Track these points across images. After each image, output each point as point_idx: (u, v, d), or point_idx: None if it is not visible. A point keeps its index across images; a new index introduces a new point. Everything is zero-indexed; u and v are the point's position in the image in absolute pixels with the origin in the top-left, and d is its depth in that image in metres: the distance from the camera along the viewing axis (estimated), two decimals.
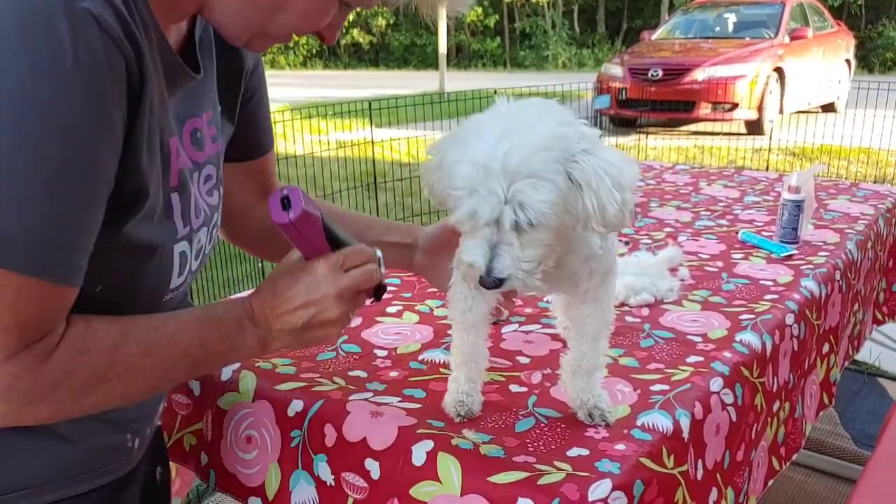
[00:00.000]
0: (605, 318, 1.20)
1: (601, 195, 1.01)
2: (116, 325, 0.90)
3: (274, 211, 0.94)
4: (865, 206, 2.46)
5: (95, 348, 0.87)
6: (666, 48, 11.31)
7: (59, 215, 0.77)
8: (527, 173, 0.98)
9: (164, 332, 0.93)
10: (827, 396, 1.88)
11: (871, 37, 23.94)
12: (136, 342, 0.90)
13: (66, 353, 0.84)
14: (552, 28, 27.82)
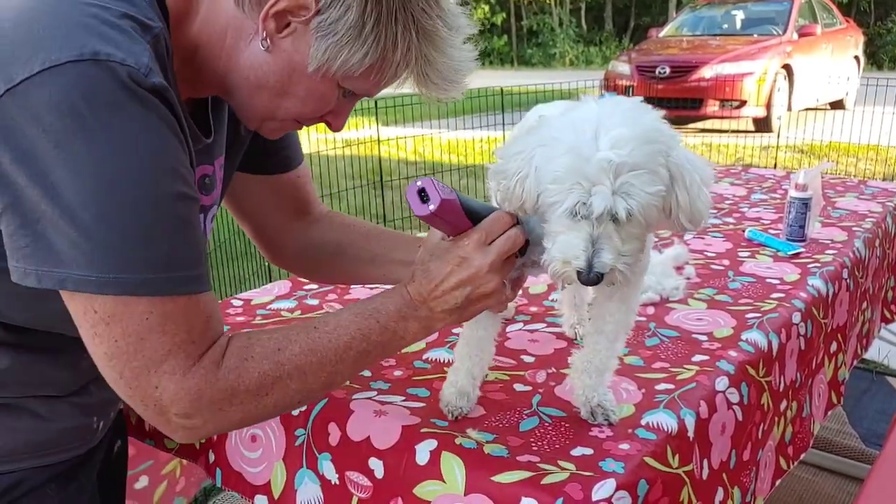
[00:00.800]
0: (627, 320, 1.20)
1: (692, 191, 1.02)
2: (279, 331, 1.00)
3: (414, 205, 1.01)
4: (873, 203, 2.44)
5: (260, 353, 0.96)
6: (673, 45, 11.27)
7: (171, 246, 0.88)
8: (632, 165, 0.97)
9: (324, 330, 1.01)
10: (835, 395, 1.87)
11: (881, 33, 23.82)
12: (298, 343, 0.99)
13: (234, 360, 0.94)
14: (559, 26, 27.78)
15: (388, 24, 0.94)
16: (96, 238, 0.83)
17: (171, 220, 0.88)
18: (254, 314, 1.63)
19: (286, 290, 1.76)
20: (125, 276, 0.84)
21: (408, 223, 5.32)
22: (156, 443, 1.42)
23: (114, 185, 0.83)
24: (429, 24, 0.97)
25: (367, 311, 1.05)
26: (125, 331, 0.87)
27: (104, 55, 0.82)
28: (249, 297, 1.73)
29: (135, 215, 0.84)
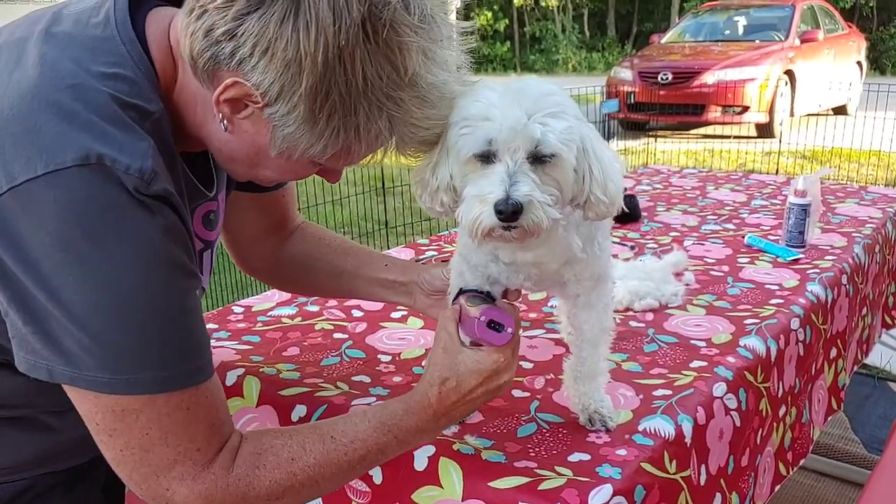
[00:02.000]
0: (603, 324, 1.20)
1: (604, 162, 1.03)
2: (294, 438, 0.99)
3: (491, 338, 1.02)
4: (873, 209, 2.45)
5: (272, 462, 0.96)
6: (676, 51, 11.27)
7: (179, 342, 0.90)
8: (543, 107, 0.99)
9: (341, 442, 1.00)
10: (835, 401, 1.87)
11: (883, 39, 23.79)
12: (314, 454, 0.98)
13: (245, 468, 0.95)
14: (562, 32, 27.80)
15: (348, 116, 0.89)
16: (105, 342, 0.85)
17: (176, 317, 0.90)
18: (255, 321, 1.64)
19: (287, 297, 1.77)
20: (137, 376, 0.87)
21: (409, 229, 5.32)
22: None
23: (120, 292, 0.84)
24: (399, 108, 0.91)
25: (387, 424, 1.02)
26: (128, 441, 0.90)
27: (109, 160, 0.83)
28: (250, 304, 1.74)
29: (141, 320, 0.86)
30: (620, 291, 1.65)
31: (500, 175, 0.98)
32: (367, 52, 0.85)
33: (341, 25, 0.83)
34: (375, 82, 0.87)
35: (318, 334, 1.56)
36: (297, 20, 0.82)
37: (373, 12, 0.84)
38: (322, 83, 0.85)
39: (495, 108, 0.99)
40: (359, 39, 0.84)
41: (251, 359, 1.43)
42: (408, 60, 0.88)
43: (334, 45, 0.83)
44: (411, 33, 0.86)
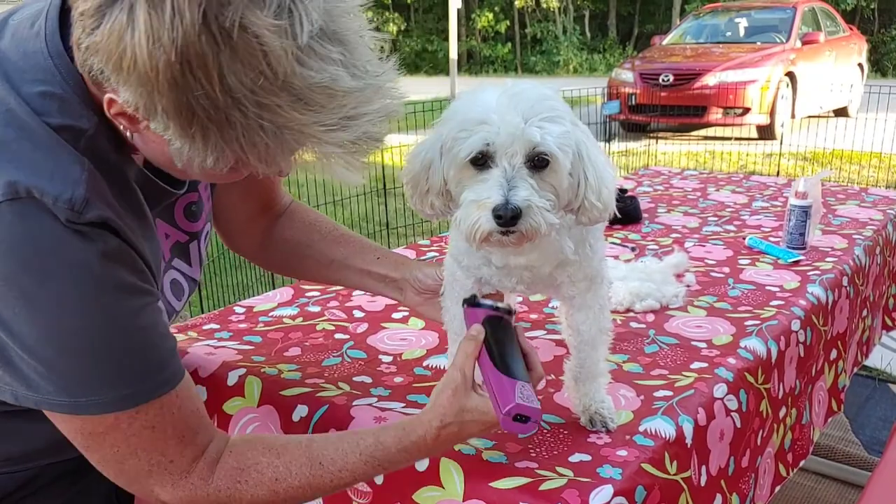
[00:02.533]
0: (600, 325, 1.21)
1: (598, 167, 1.03)
2: (281, 458, 1.00)
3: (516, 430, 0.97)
4: (874, 211, 2.45)
5: (255, 480, 0.98)
6: (677, 53, 11.26)
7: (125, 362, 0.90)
8: (539, 111, 0.99)
9: (329, 470, 1.00)
10: (835, 403, 1.88)
11: (884, 41, 23.78)
12: (299, 477, 0.99)
13: (226, 480, 0.97)
14: (563, 33, 27.80)
15: (224, 130, 0.80)
16: (59, 370, 0.87)
17: (129, 337, 0.90)
18: (256, 321, 1.64)
19: (288, 298, 1.77)
20: (96, 398, 0.88)
21: (411, 230, 5.33)
22: None
23: (65, 322, 0.85)
24: (279, 116, 0.80)
25: (378, 458, 1.02)
26: (103, 456, 0.94)
27: (38, 192, 0.82)
28: (252, 304, 1.74)
29: (92, 346, 0.87)
30: (621, 292, 1.65)
31: (498, 180, 0.98)
32: (219, 60, 0.75)
33: (178, 33, 0.74)
34: (241, 91, 0.77)
35: (320, 335, 1.56)
36: (134, 32, 0.74)
37: (213, 16, 0.74)
38: (180, 98, 0.77)
39: (492, 113, 0.99)
40: (204, 47, 0.74)
41: (253, 359, 1.43)
42: (273, 62, 0.76)
43: (176, 56, 0.74)
44: (269, 33, 0.75)
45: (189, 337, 1.55)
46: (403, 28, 29.85)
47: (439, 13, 28.15)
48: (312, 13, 0.77)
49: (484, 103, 1.00)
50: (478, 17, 28.35)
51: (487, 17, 28.20)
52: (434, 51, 29.11)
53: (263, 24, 0.75)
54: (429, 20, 30.36)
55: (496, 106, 0.99)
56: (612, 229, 2.27)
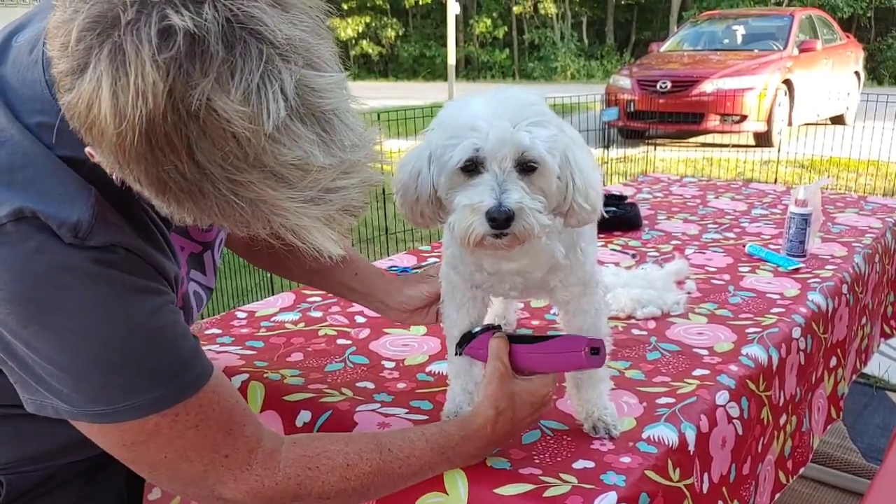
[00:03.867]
0: (598, 331, 1.21)
1: (585, 173, 1.05)
2: (350, 445, 1.03)
3: (593, 362, 1.08)
4: (873, 219, 2.46)
5: (327, 465, 1.00)
6: (675, 60, 11.30)
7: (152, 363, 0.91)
8: (526, 116, 1.00)
9: (398, 456, 1.04)
10: (835, 410, 1.88)
11: (881, 49, 23.88)
12: (370, 462, 1.02)
13: (295, 468, 0.99)
14: (561, 40, 27.87)
15: (198, 201, 0.79)
16: (89, 381, 0.88)
17: (152, 338, 0.91)
18: (258, 326, 1.64)
19: (290, 303, 1.78)
20: (129, 402, 0.89)
21: (409, 235, 5.33)
22: None
23: (86, 334, 0.86)
24: (250, 191, 0.78)
25: (444, 447, 1.07)
26: (152, 465, 0.94)
27: (43, 216, 0.83)
28: (254, 309, 1.74)
29: (117, 353, 0.88)
30: (623, 299, 1.66)
31: (489, 184, 1.00)
32: (187, 139, 0.74)
33: (142, 112, 0.72)
34: (211, 167, 0.76)
35: (322, 340, 1.56)
36: (101, 106, 0.74)
37: (179, 97, 0.72)
38: (150, 170, 0.76)
39: (480, 119, 1.00)
40: (170, 127, 0.73)
41: (255, 364, 1.43)
42: (243, 143, 0.75)
43: (142, 134, 0.73)
44: (236, 117, 0.74)
45: None
46: (402, 33, 29.91)
47: (437, 19, 28.19)
48: (281, 96, 0.75)
49: (471, 110, 1.02)
50: (476, 22, 28.42)
51: (485, 23, 28.28)
52: (432, 56, 29.16)
53: (230, 107, 0.73)
54: (427, 26, 30.41)
55: (484, 112, 1.00)
56: (612, 236, 2.28)
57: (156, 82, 0.71)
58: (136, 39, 0.71)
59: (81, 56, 0.73)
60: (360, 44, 29.49)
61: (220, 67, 0.72)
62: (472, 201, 1.00)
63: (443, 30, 22.20)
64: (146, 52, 0.71)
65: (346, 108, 0.82)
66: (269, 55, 0.74)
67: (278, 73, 0.75)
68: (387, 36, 29.74)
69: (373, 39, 30.04)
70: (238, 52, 0.73)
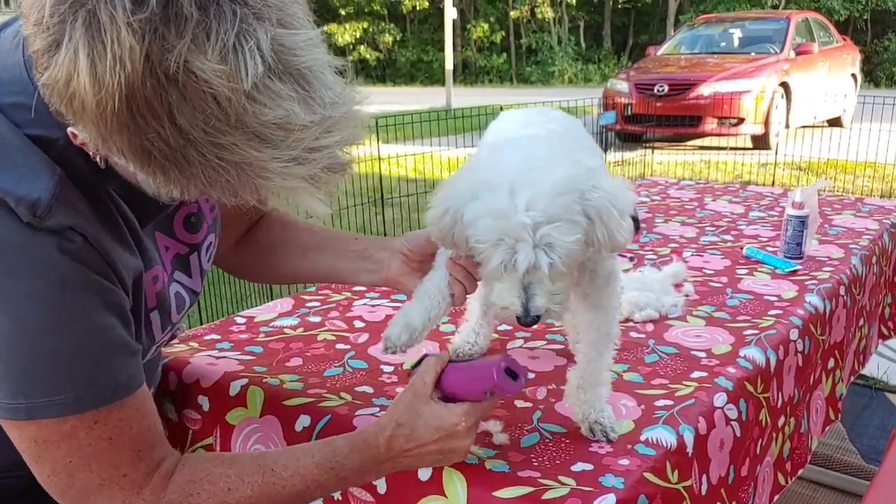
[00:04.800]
0: (610, 329, 1.22)
1: (611, 226, 1.05)
2: (233, 468, 1.00)
3: (507, 387, 1.04)
4: (870, 221, 2.47)
5: (208, 491, 0.98)
6: (672, 63, 11.32)
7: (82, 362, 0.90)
8: (549, 218, 1.01)
9: (280, 476, 1.01)
10: (833, 411, 1.89)
11: (878, 51, 23.94)
12: (251, 486, 0.99)
13: (178, 494, 0.97)
14: (558, 44, 27.93)
15: (182, 169, 0.80)
16: (18, 368, 0.87)
17: (86, 337, 0.89)
18: (257, 331, 1.64)
19: (289, 308, 1.78)
20: (53, 399, 0.88)
21: None
22: None
23: (22, 320, 0.85)
24: (235, 154, 0.79)
25: (330, 461, 1.03)
26: (54, 468, 0.92)
27: (1, 193, 0.83)
28: (253, 315, 1.74)
29: (48, 343, 0.87)
30: (621, 302, 1.66)
31: (517, 288, 1.05)
32: (168, 103, 0.75)
33: (121, 79, 0.73)
34: (194, 132, 0.76)
35: (321, 345, 1.57)
36: (79, 79, 0.74)
37: (156, 61, 0.73)
38: (133, 139, 0.77)
39: (508, 232, 1.01)
40: (150, 92, 0.74)
41: (254, 369, 1.43)
42: (223, 103, 0.76)
43: (121, 101, 0.74)
44: (214, 76, 0.74)
45: (190, 347, 1.55)
46: (399, 38, 29.95)
47: (435, 24, 28.25)
48: (258, 54, 0.75)
49: (498, 213, 1.01)
50: (473, 27, 28.48)
51: (483, 28, 28.35)
52: (430, 61, 29.21)
53: (208, 67, 0.74)
54: (424, 31, 30.47)
55: (511, 223, 1.01)
56: None
57: (132, 46, 0.72)
58: (110, 5, 0.72)
59: (56, 30, 0.74)
60: (357, 49, 29.55)
61: (195, 29, 0.73)
62: (500, 301, 1.07)
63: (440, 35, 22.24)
64: (120, 17, 0.72)
65: (322, 65, 0.82)
66: (243, 14, 0.75)
67: (253, 31, 0.76)
68: (384, 41, 29.81)
69: (370, 45, 30.10)
70: (212, 13, 0.74)
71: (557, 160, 1.06)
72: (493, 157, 1.10)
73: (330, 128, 0.82)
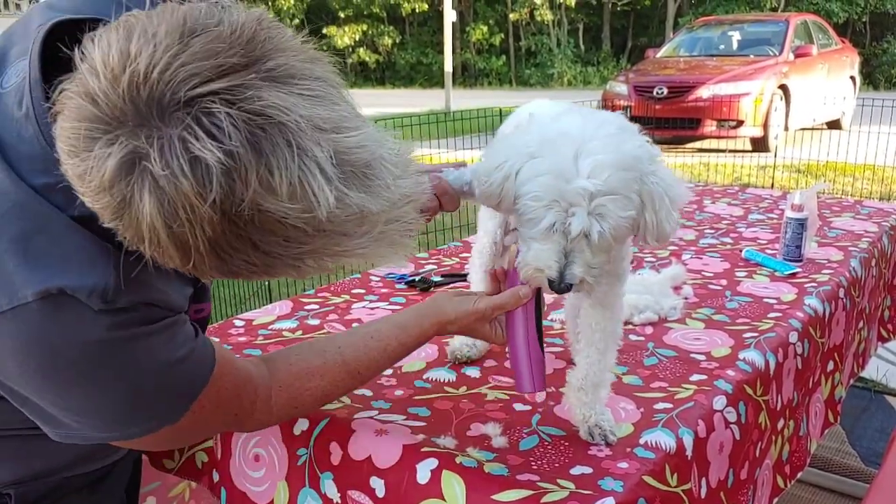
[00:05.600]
0: (614, 330, 1.22)
1: (661, 214, 1.07)
2: (324, 379, 1.14)
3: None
4: (869, 223, 2.46)
5: (309, 402, 1.15)
6: (671, 66, 11.33)
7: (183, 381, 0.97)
8: (608, 190, 1.02)
9: (364, 376, 1.19)
10: (832, 414, 1.88)
11: (876, 54, 23.97)
12: (342, 388, 1.18)
13: (284, 409, 1.13)
14: (557, 46, 27.95)
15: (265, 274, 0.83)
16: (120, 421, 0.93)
17: (173, 374, 0.94)
18: (256, 334, 1.64)
19: (287, 311, 1.78)
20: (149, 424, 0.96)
21: None
22: (154, 463, 1.43)
23: (113, 398, 0.90)
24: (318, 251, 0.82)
25: (399, 353, 1.20)
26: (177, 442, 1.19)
27: (70, 290, 0.84)
28: (251, 318, 1.74)
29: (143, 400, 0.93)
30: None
31: (557, 251, 1.06)
32: (249, 238, 0.77)
33: (200, 236, 0.75)
34: (277, 250, 0.79)
35: None
36: (160, 238, 0.76)
37: (232, 212, 0.74)
38: (221, 267, 0.79)
39: (565, 194, 1.02)
40: (230, 236, 0.76)
41: None
42: (301, 226, 0.78)
43: (204, 247, 0.76)
44: (289, 212, 0.76)
45: None
46: (398, 41, 29.98)
47: (434, 26, 28.29)
48: (324, 181, 0.76)
49: (559, 174, 1.03)
50: (472, 30, 28.50)
51: (482, 30, 28.37)
52: (429, 63, 29.23)
53: (281, 206, 0.75)
54: (423, 33, 30.49)
55: (571, 185, 1.02)
56: None
57: (206, 213, 0.73)
58: (173, 178, 0.72)
59: (122, 195, 0.74)
60: (356, 52, 29.57)
61: (258, 172, 0.73)
62: (536, 261, 1.07)
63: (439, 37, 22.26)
64: (187, 188, 0.72)
65: (378, 149, 0.83)
66: (298, 142, 0.75)
67: (312, 154, 0.76)
68: (384, 44, 29.83)
69: (370, 47, 30.11)
70: (268, 151, 0.74)
71: (626, 137, 1.08)
72: (560, 121, 1.11)
73: (400, 204, 0.85)
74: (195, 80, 0.72)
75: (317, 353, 1.16)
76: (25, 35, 0.94)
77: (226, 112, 0.72)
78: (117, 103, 0.72)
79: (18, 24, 0.98)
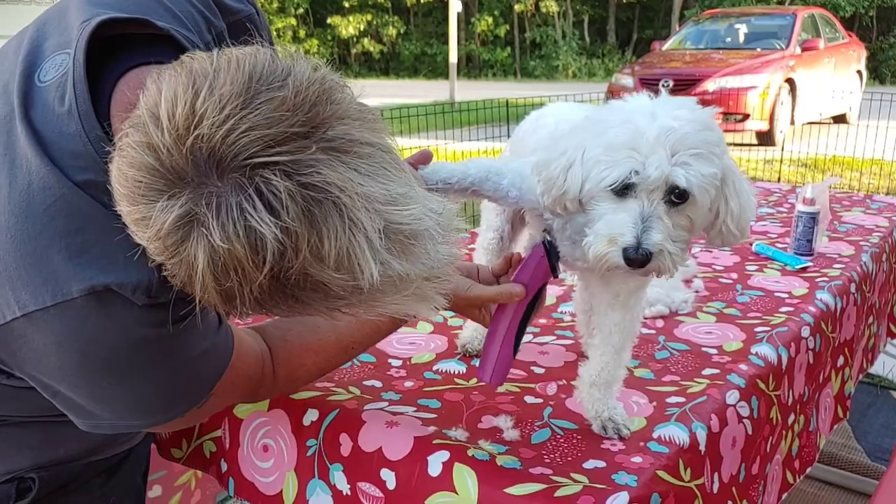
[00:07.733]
0: (633, 329, 1.21)
1: (742, 197, 1.01)
2: (320, 355, 1.19)
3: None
4: (880, 218, 2.45)
5: (305, 376, 1.22)
6: (677, 59, 11.28)
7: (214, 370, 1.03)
8: (691, 144, 0.95)
9: (357, 350, 1.24)
10: (841, 409, 1.87)
11: (883, 48, 23.87)
12: (336, 362, 1.23)
13: (285, 383, 1.20)
14: (562, 38, 27.85)
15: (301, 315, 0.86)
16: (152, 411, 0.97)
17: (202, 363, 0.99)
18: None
19: None
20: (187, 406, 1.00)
21: None
22: (162, 452, 1.43)
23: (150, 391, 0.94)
24: (361, 308, 0.84)
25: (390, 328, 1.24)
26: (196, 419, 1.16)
27: (115, 286, 0.85)
28: None
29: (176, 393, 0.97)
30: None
31: (633, 216, 0.96)
32: (293, 297, 0.79)
33: (249, 297, 0.77)
34: (317, 305, 0.81)
35: None
36: (211, 297, 0.78)
37: (281, 277, 0.76)
38: (258, 309, 0.81)
39: (642, 142, 0.95)
40: (278, 297, 0.78)
41: None
42: (343, 294, 0.79)
43: (255, 304, 0.79)
44: (334, 281, 0.77)
45: None
46: (403, 31, 29.89)
47: (439, 17, 28.20)
48: (370, 254, 0.76)
49: (636, 125, 0.96)
50: (477, 21, 28.40)
51: (487, 22, 28.26)
52: (433, 54, 29.14)
53: (327, 275, 0.77)
54: (428, 24, 30.39)
55: (646, 133, 0.95)
56: None
57: (256, 277, 0.75)
58: (228, 242, 0.73)
59: (174, 248, 0.75)
60: (361, 42, 29.51)
61: (310, 242, 0.74)
62: (611, 231, 0.97)
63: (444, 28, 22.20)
64: (241, 254, 0.73)
65: (425, 220, 0.82)
66: (350, 214, 0.75)
67: (362, 225, 0.76)
68: (388, 34, 29.73)
69: (374, 37, 30.03)
70: (321, 222, 0.74)
71: (699, 106, 1.02)
72: (612, 104, 1.04)
73: (439, 264, 0.85)
74: (257, 146, 0.72)
75: (311, 329, 1.19)
76: (62, 28, 0.93)
77: (285, 185, 0.72)
78: (179, 162, 0.73)
79: (52, 15, 0.98)
